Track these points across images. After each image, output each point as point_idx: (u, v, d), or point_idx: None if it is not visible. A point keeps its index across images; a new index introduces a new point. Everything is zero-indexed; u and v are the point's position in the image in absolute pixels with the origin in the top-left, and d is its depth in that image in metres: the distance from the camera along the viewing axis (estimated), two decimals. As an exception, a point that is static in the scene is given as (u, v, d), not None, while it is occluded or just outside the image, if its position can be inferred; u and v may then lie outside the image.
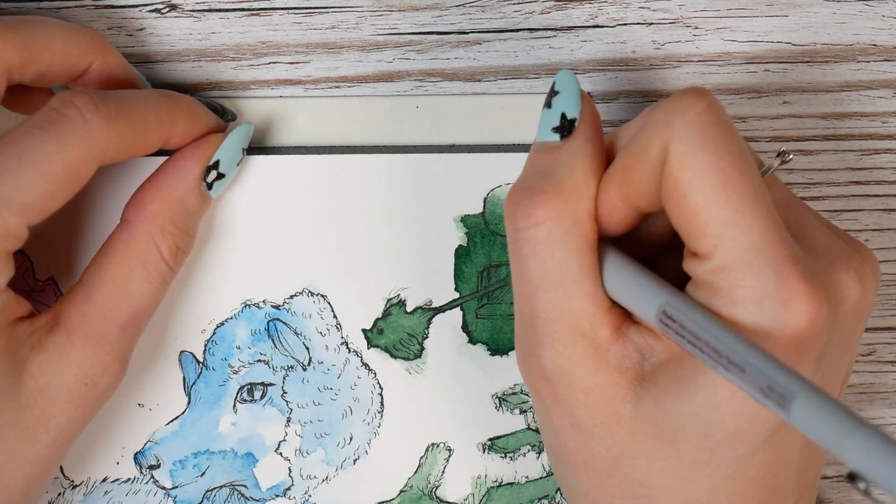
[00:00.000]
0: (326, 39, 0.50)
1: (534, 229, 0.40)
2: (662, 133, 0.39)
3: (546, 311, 0.41)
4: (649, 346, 0.40)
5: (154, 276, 0.45)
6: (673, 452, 0.40)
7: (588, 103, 0.42)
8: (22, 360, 0.43)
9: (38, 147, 0.42)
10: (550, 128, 0.42)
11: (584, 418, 0.41)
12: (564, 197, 0.40)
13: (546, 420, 0.42)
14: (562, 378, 0.41)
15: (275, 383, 0.50)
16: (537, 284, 0.41)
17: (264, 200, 0.50)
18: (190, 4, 0.50)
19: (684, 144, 0.38)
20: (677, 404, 0.39)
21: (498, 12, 0.50)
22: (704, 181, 0.38)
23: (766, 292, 0.37)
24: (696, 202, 0.38)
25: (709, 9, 0.50)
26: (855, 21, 0.50)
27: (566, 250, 0.40)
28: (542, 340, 0.41)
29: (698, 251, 0.38)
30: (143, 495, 0.51)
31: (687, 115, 0.38)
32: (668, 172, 0.38)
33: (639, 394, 0.40)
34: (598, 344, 0.40)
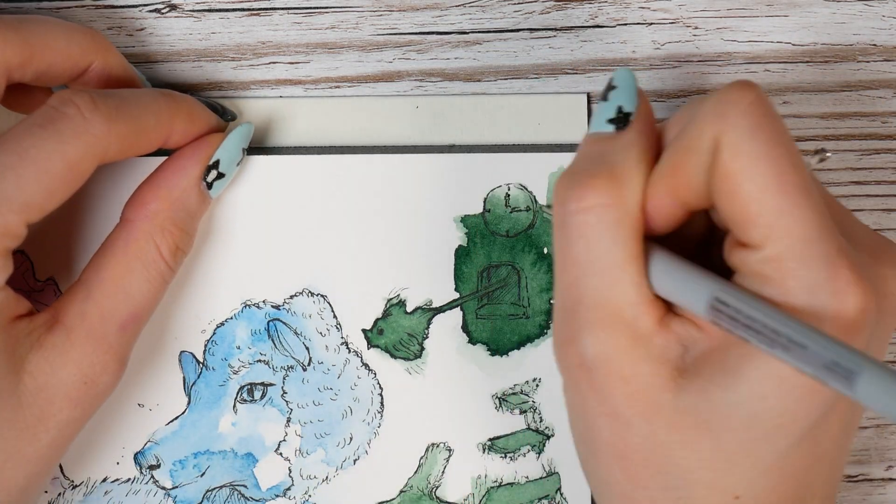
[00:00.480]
0: (326, 39, 0.50)
1: (584, 214, 0.40)
2: (714, 124, 0.38)
3: (590, 297, 0.40)
4: (692, 338, 0.40)
5: (153, 275, 0.45)
6: (712, 444, 0.40)
7: (644, 100, 0.42)
8: (21, 359, 0.43)
9: (37, 145, 0.42)
10: (606, 119, 0.42)
11: (623, 408, 0.40)
12: (617, 184, 0.40)
13: (580, 409, 0.42)
14: (602, 366, 0.40)
15: (275, 383, 0.50)
16: (583, 270, 0.40)
17: (264, 200, 0.50)
18: (190, 4, 0.50)
19: (737, 134, 0.38)
20: (723, 394, 0.39)
21: (498, 12, 0.50)
22: (757, 170, 0.38)
23: (818, 283, 0.37)
24: (749, 191, 0.38)
25: (709, 9, 0.50)
26: (855, 21, 0.50)
27: (615, 237, 0.40)
28: (583, 326, 0.40)
29: (749, 241, 0.38)
30: (143, 495, 0.51)
31: (739, 106, 0.38)
32: (721, 162, 0.38)
33: (680, 384, 0.40)
34: (640, 333, 0.40)
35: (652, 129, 0.42)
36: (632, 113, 0.42)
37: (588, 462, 0.43)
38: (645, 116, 0.42)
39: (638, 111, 0.42)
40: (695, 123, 0.39)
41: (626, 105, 0.42)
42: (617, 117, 0.42)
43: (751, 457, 0.40)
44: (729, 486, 0.40)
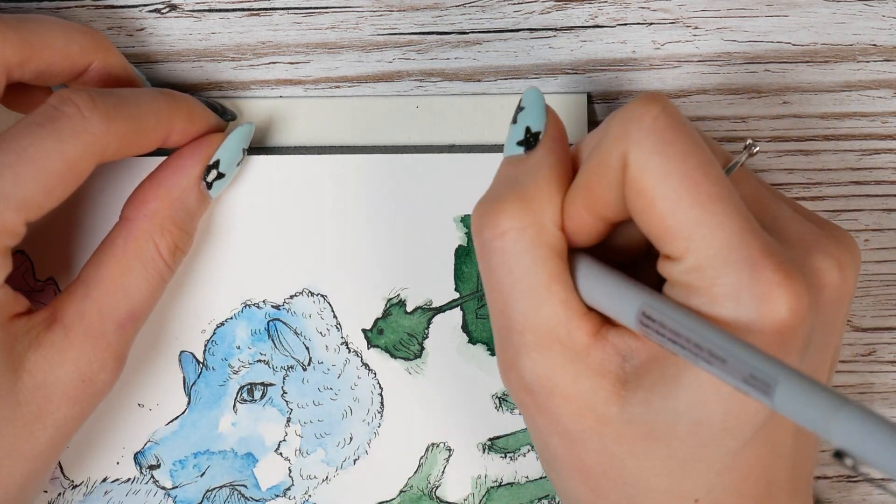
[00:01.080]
0: (326, 39, 0.50)
1: (499, 239, 0.41)
2: (620, 143, 0.39)
3: (520, 322, 0.41)
4: (629, 348, 0.40)
5: (152, 274, 0.45)
6: (664, 451, 0.40)
7: (553, 117, 0.43)
8: (19, 357, 0.43)
9: (36, 144, 0.42)
10: (515, 141, 0.43)
11: (571, 425, 0.41)
12: (527, 205, 0.40)
13: (534, 430, 0.42)
14: (543, 388, 0.41)
15: (275, 383, 0.50)
16: (508, 294, 0.41)
17: (264, 200, 0.50)
18: (190, 4, 0.50)
19: (643, 152, 0.38)
20: (664, 403, 0.39)
21: (498, 12, 0.50)
22: (668, 185, 0.38)
23: (742, 287, 0.37)
24: (663, 207, 0.38)
25: (709, 9, 0.50)
26: (855, 21, 0.50)
27: (533, 258, 0.40)
28: (519, 351, 0.41)
29: (670, 254, 0.39)
30: (143, 495, 0.51)
31: (643, 123, 0.39)
32: (631, 181, 0.39)
33: (623, 396, 0.40)
34: (576, 349, 0.40)
35: (563, 143, 0.43)
36: (540, 132, 0.42)
37: (553, 479, 0.44)
38: (554, 133, 0.43)
39: (546, 130, 0.42)
40: (604, 142, 0.39)
41: (533, 125, 0.43)
42: (525, 138, 0.42)
43: (703, 461, 0.40)
44: (687, 491, 0.40)
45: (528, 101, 0.43)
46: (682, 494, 0.40)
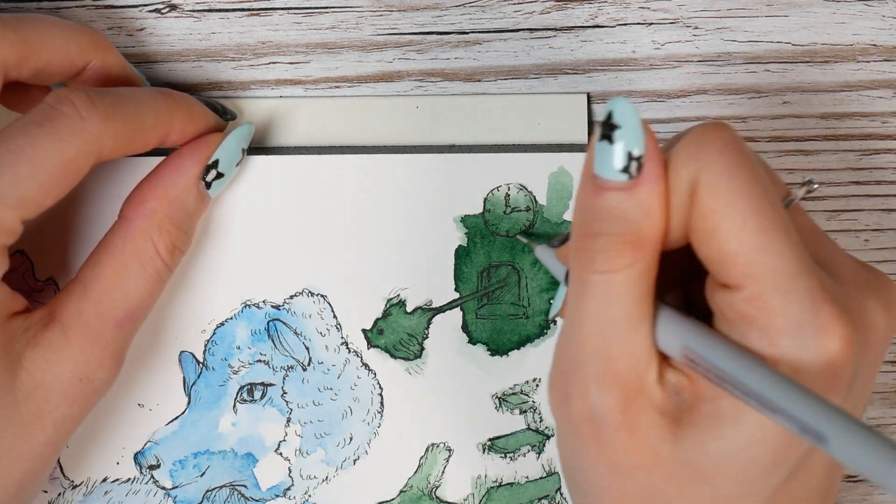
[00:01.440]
0: (326, 39, 0.50)
1: (612, 275, 0.39)
2: (691, 164, 0.38)
3: (604, 352, 0.40)
4: (684, 388, 0.40)
5: (151, 273, 0.45)
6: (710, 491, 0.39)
7: (651, 137, 0.39)
8: (17, 356, 0.43)
9: (33, 143, 0.42)
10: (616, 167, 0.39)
11: (624, 459, 0.40)
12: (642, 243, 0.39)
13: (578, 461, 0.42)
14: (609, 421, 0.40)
15: (275, 383, 0.50)
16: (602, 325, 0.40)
17: (264, 200, 0.50)
18: (190, 4, 0.50)
19: (715, 173, 0.38)
20: (718, 444, 0.39)
21: (498, 12, 0.50)
22: (736, 208, 0.38)
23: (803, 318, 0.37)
24: (728, 230, 0.38)
25: (709, 9, 0.50)
26: (855, 21, 0.50)
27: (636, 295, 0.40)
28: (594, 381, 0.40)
29: (729, 281, 0.38)
30: (143, 495, 0.51)
31: (715, 145, 0.38)
32: (699, 201, 0.38)
33: (677, 435, 0.39)
34: (646, 386, 0.40)
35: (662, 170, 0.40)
36: (642, 156, 0.39)
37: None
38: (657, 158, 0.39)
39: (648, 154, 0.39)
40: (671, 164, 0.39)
41: (635, 149, 0.39)
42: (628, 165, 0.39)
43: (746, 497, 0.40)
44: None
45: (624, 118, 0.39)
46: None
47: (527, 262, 0.50)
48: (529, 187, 0.50)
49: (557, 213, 0.50)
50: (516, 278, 0.50)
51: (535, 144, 0.50)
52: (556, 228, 0.50)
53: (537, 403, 0.51)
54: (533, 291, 0.50)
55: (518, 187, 0.50)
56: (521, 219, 0.50)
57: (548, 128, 0.50)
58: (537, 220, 0.50)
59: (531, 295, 0.50)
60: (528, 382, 0.51)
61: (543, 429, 0.51)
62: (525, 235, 0.50)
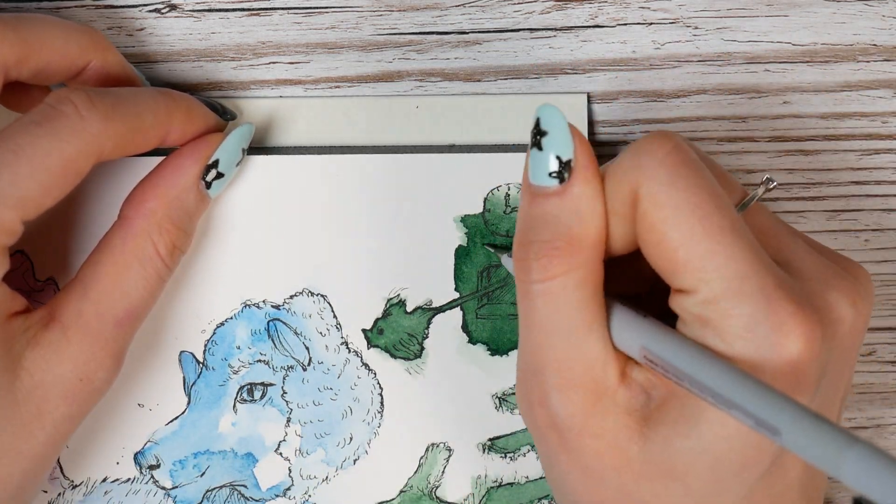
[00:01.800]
0: (326, 39, 0.50)
1: (549, 282, 0.40)
2: (631, 176, 0.39)
3: (558, 360, 0.40)
4: (652, 385, 0.40)
5: (150, 273, 0.45)
6: (681, 489, 0.40)
7: (580, 139, 0.40)
8: (17, 356, 0.43)
9: (33, 143, 0.42)
10: (546, 173, 0.40)
11: (593, 463, 0.40)
12: (577, 248, 0.40)
13: (553, 466, 0.42)
14: (573, 426, 0.40)
15: (275, 383, 0.50)
16: (550, 334, 0.40)
17: (264, 200, 0.50)
18: (190, 4, 0.50)
19: (655, 184, 0.38)
20: (685, 442, 0.39)
21: (498, 12, 0.50)
22: (680, 217, 0.38)
23: (757, 319, 0.37)
24: (674, 238, 0.38)
25: (709, 9, 0.50)
26: (855, 21, 0.50)
27: (580, 299, 0.40)
28: (552, 388, 0.41)
29: (682, 287, 0.39)
30: (143, 495, 0.51)
31: (656, 156, 0.39)
32: (643, 214, 0.39)
33: (645, 434, 0.40)
34: (606, 388, 0.40)
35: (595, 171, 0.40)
36: (571, 160, 0.40)
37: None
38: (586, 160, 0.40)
39: (577, 157, 0.40)
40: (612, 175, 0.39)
41: (563, 153, 0.40)
42: (558, 170, 0.40)
43: (720, 495, 0.40)
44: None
45: (550, 123, 0.41)
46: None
47: (527, 262, 0.50)
48: (529, 187, 0.50)
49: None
50: (516, 278, 0.50)
51: (535, 144, 0.50)
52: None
53: (537, 403, 0.51)
54: (533, 291, 0.50)
55: (518, 187, 0.50)
56: (521, 219, 0.50)
57: (548, 128, 0.50)
58: (537, 220, 0.50)
59: (531, 295, 0.50)
60: (528, 382, 0.51)
61: (543, 429, 0.51)
62: (492, 246, 0.50)
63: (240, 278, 0.50)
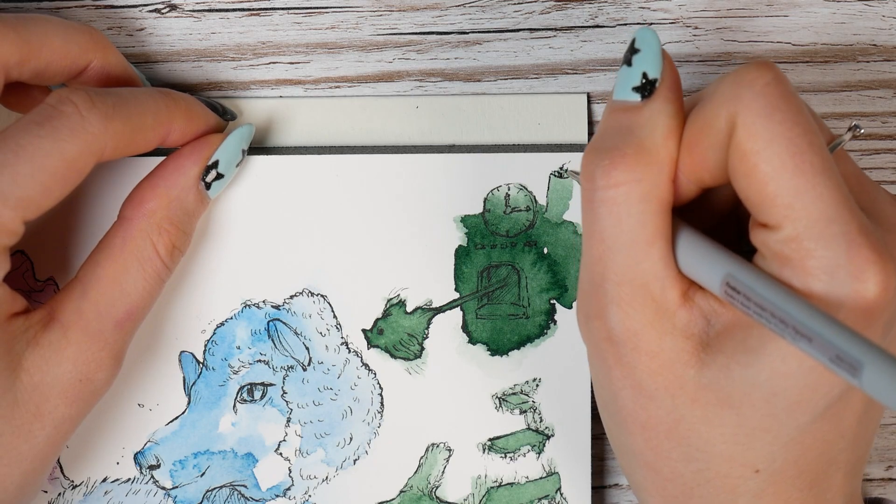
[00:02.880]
0: (326, 39, 0.50)
1: (612, 189, 0.40)
2: (729, 104, 0.38)
3: (618, 273, 0.40)
4: (715, 313, 0.40)
5: (150, 273, 0.45)
6: (734, 419, 0.40)
7: (669, 63, 0.41)
8: (17, 356, 0.43)
9: (34, 143, 0.42)
10: (631, 87, 0.41)
11: (647, 381, 0.40)
12: (645, 159, 0.40)
13: (605, 381, 0.42)
14: (628, 340, 0.40)
15: (275, 383, 0.50)
16: (611, 245, 0.40)
17: (264, 200, 0.50)
18: (190, 4, 0.50)
19: (752, 115, 0.38)
20: (744, 372, 0.39)
21: (498, 12, 0.50)
22: (773, 151, 0.38)
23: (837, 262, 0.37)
24: (765, 172, 0.38)
25: (709, 9, 0.50)
26: (855, 21, 0.50)
27: (643, 212, 0.40)
28: (611, 302, 0.40)
29: (767, 221, 0.38)
30: (143, 495, 0.51)
31: (754, 86, 0.38)
32: (737, 143, 0.38)
33: (703, 360, 0.40)
34: (665, 307, 0.40)
35: (678, 95, 0.41)
36: (657, 79, 0.41)
37: (612, 431, 0.43)
38: (671, 82, 0.41)
39: (663, 77, 0.41)
40: (711, 102, 0.39)
41: (650, 71, 0.41)
42: (642, 84, 0.41)
43: (772, 431, 0.40)
44: (749, 460, 0.40)
45: (645, 42, 0.41)
46: (744, 463, 0.40)
47: (527, 262, 0.50)
48: (529, 187, 0.50)
49: (557, 213, 0.50)
50: (516, 278, 0.50)
51: (535, 144, 0.50)
52: (557, 228, 0.50)
53: (537, 403, 0.51)
54: (533, 291, 0.50)
55: (518, 187, 0.50)
56: (521, 219, 0.50)
57: (548, 128, 0.50)
58: (537, 220, 0.50)
59: (531, 295, 0.50)
60: (528, 382, 0.51)
61: (543, 429, 0.51)
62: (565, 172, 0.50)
63: (240, 278, 0.50)
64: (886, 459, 0.53)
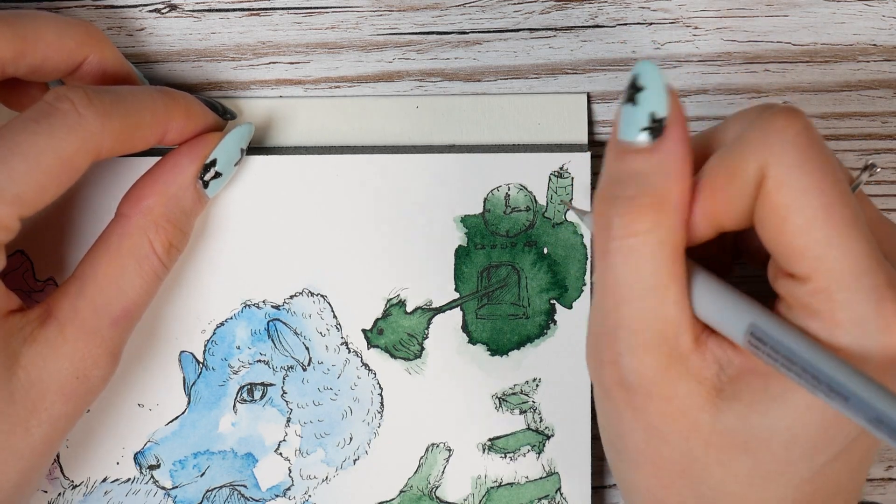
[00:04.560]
0: (326, 39, 0.50)
1: (630, 239, 0.39)
2: (759, 153, 0.38)
3: (633, 320, 0.40)
4: (727, 358, 0.40)
5: (146, 271, 0.45)
6: (749, 463, 0.40)
7: (675, 100, 0.40)
8: (14, 353, 0.43)
9: (30, 140, 0.42)
10: (638, 128, 0.40)
11: (660, 425, 0.40)
12: (662, 207, 0.39)
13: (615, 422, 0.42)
14: (641, 387, 0.40)
15: (275, 383, 0.50)
16: (627, 293, 0.40)
17: (264, 200, 0.50)
18: (190, 4, 0.50)
19: (785, 166, 0.37)
20: (762, 420, 0.39)
21: (498, 12, 0.50)
22: (806, 203, 0.37)
23: (867, 315, 0.37)
24: (797, 224, 0.37)
25: (709, 9, 0.50)
26: (855, 21, 0.50)
27: (660, 259, 0.39)
28: (625, 349, 0.40)
29: (796, 273, 0.38)
30: (143, 495, 0.51)
31: (786, 136, 0.38)
32: (767, 194, 0.38)
33: (717, 405, 0.39)
34: (679, 352, 0.40)
35: (687, 134, 0.40)
36: (664, 118, 0.39)
37: (620, 468, 0.43)
38: (680, 121, 0.40)
39: (671, 116, 0.39)
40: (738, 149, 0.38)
41: (658, 110, 0.39)
42: (651, 126, 0.39)
43: (786, 474, 0.40)
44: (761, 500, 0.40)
45: (648, 79, 0.40)
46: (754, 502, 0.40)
47: (527, 262, 0.50)
48: (529, 187, 0.50)
49: (557, 214, 0.50)
50: (516, 278, 0.50)
51: (535, 144, 0.50)
52: (557, 229, 0.50)
53: (537, 403, 0.51)
54: (533, 291, 0.50)
55: (518, 187, 0.50)
56: (521, 219, 0.50)
57: (548, 128, 0.50)
58: (537, 220, 0.50)
59: (531, 295, 0.50)
60: (528, 382, 0.51)
61: (543, 429, 0.51)
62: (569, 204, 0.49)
63: (240, 278, 0.50)
64: (886, 459, 0.53)
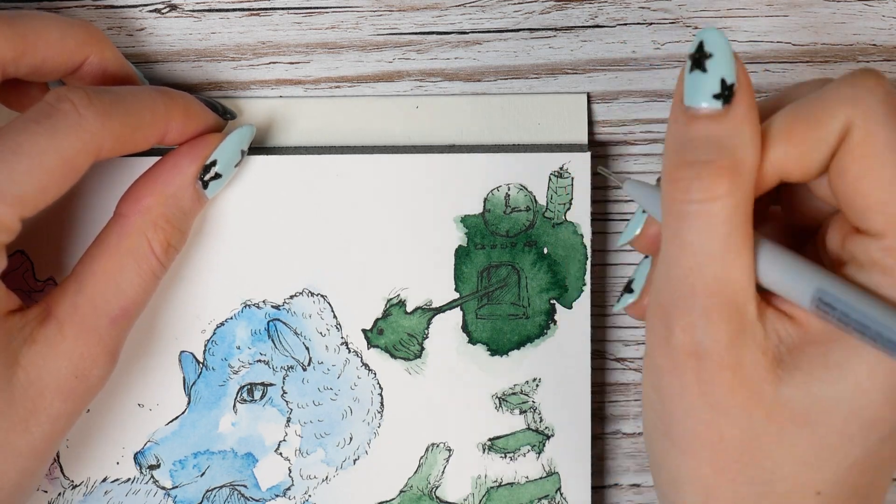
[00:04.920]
0: (326, 39, 0.50)
1: (710, 203, 0.39)
2: (847, 106, 0.38)
3: (709, 284, 0.40)
4: (785, 330, 0.40)
5: (145, 270, 0.45)
6: (808, 437, 0.40)
7: (742, 67, 0.40)
8: (14, 353, 0.43)
9: (31, 140, 0.42)
10: (710, 94, 0.40)
11: (724, 397, 0.40)
12: (739, 170, 0.39)
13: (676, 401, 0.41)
14: (714, 353, 0.40)
15: (275, 383, 0.50)
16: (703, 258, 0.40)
17: (264, 200, 0.50)
18: (190, 4, 0.50)
19: (873, 121, 0.38)
20: (824, 388, 0.39)
21: (498, 12, 0.50)
22: (889, 158, 0.38)
23: None
24: (878, 177, 0.38)
25: (709, 9, 0.50)
26: (855, 21, 0.50)
27: (735, 224, 0.39)
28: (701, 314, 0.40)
29: (869, 228, 0.38)
30: (143, 495, 0.51)
31: (877, 93, 0.38)
32: (851, 146, 0.38)
33: (779, 376, 0.39)
34: (748, 320, 0.40)
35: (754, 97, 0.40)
36: (734, 84, 0.40)
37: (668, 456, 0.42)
38: (748, 87, 0.40)
39: (740, 81, 0.40)
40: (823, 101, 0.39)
41: (728, 76, 0.40)
42: (722, 92, 0.40)
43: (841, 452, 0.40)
44: (813, 483, 0.40)
45: (716, 46, 0.40)
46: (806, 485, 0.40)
47: (527, 262, 0.50)
48: (529, 187, 0.50)
49: (557, 214, 0.50)
50: (516, 278, 0.50)
51: (535, 144, 0.50)
52: (557, 229, 0.50)
53: (537, 403, 0.51)
54: (533, 291, 0.50)
55: (518, 187, 0.50)
56: (521, 219, 0.50)
57: (548, 128, 0.50)
58: (537, 220, 0.50)
59: (531, 295, 0.50)
60: (528, 382, 0.51)
61: (543, 429, 0.51)
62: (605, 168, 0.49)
63: (240, 278, 0.50)
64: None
